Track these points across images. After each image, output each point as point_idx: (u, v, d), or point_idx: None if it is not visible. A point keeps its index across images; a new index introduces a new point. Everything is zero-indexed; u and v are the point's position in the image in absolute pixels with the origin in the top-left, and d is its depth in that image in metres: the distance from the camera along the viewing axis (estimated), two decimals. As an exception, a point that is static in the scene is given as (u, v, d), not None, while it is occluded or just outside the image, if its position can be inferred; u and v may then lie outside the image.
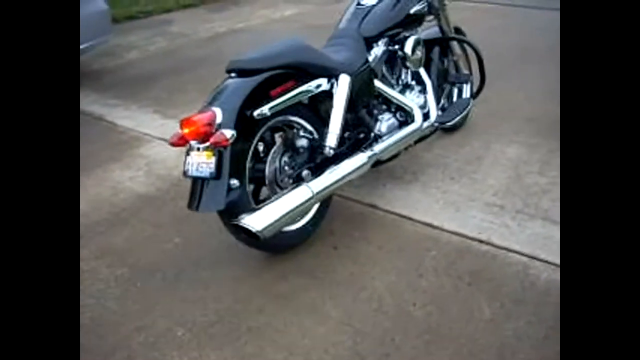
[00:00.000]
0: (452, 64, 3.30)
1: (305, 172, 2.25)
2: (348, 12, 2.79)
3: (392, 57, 2.78)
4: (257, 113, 2.06)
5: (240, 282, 2.25)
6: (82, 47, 4.36)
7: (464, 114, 3.04)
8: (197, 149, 2.03)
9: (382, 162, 2.68)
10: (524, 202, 2.71)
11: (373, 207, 2.72)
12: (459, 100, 3.16)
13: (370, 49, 2.66)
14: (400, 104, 2.72)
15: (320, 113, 2.38)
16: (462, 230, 2.50)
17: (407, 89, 2.85)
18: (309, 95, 2.29)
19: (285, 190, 2.13)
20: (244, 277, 2.28)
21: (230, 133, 1.97)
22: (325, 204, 2.47)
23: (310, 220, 2.41)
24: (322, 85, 2.33)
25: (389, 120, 2.68)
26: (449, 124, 2.93)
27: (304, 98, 2.30)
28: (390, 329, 1.98)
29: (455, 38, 3.09)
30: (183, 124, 1.99)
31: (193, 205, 2.06)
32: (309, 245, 2.43)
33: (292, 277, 2.26)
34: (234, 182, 2.03)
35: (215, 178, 2.00)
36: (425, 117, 2.84)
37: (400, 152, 2.79)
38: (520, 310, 2.04)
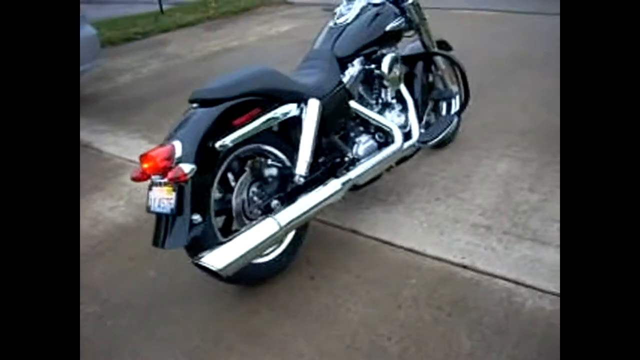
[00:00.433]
0: (438, 79, 3.21)
1: (275, 202, 2.17)
2: (322, 32, 2.72)
3: (369, 76, 2.69)
4: (218, 145, 2.00)
5: (211, 318, 2.18)
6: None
7: (446, 132, 2.93)
8: (159, 184, 1.97)
9: (363, 185, 2.60)
10: (512, 221, 2.60)
11: (354, 232, 2.63)
12: (442, 118, 3.05)
13: (345, 69, 2.58)
14: (379, 125, 2.63)
15: (292, 140, 2.30)
16: (445, 256, 2.40)
17: (387, 108, 2.75)
18: (277, 122, 2.21)
19: (250, 224, 2.05)
20: (215, 312, 2.21)
21: (190, 167, 1.90)
22: (301, 233, 2.39)
23: (285, 250, 2.33)
24: (291, 112, 2.26)
25: (367, 143, 2.59)
26: (431, 143, 2.83)
27: (273, 125, 2.23)
28: (363, 367, 1.88)
29: (437, 53, 2.99)
30: (142, 159, 1.93)
31: (158, 242, 1.99)
32: (284, 276, 2.35)
33: (264, 311, 2.18)
34: (196, 217, 1.96)
35: (177, 214, 1.93)
36: (408, 136, 2.75)
37: (382, 173, 2.70)
38: (502, 342, 1.93)
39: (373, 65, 2.65)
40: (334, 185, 2.27)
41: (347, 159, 2.49)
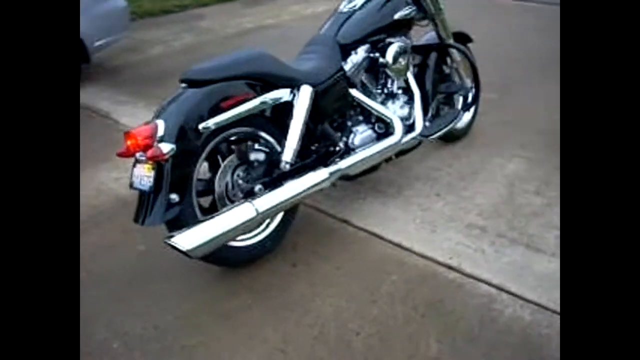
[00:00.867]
0: (454, 71, 3.10)
1: (258, 187, 2.16)
2: (330, 17, 2.66)
3: (374, 64, 2.62)
4: (201, 126, 1.99)
5: (188, 296, 2.20)
6: (98, 43, 4.45)
7: (450, 127, 2.83)
8: (141, 161, 1.99)
9: (358, 175, 2.55)
10: (510, 224, 2.51)
11: (345, 222, 2.59)
12: (448, 112, 2.95)
13: (348, 57, 2.52)
14: (380, 115, 2.56)
15: (284, 126, 2.28)
16: (432, 254, 2.34)
17: (390, 99, 2.68)
18: (267, 107, 2.19)
19: (227, 207, 2.05)
20: (193, 291, 2.23)
21: (169, 147, 1.91)
22: (289, 218, 2.38)
23: (270, 235, 2.32)
24: (283, 97, 2.23)
25: (364, 133, 2.53)
26: (432, 138, 2.74)
27: (266, 109, 2.21)
28: (325, 360, 1.87)
29: (449, 45, 2.88)
30: (126, 136, 1.95)
31: (138, 219, 2.02)
32: (269, 260, 2.35)
33: (242, 293, 2.19)
34: (174, 196, 1.97)
35: (155, 192, 1.95)
36: (411, 128, 2.68)
37: (380, 164, 2.65)
38: (471, 350, 1.88)
39: (377, 54, 2.58)
40: (321, 175, 2.24)
41: (339, 148, 2.44)
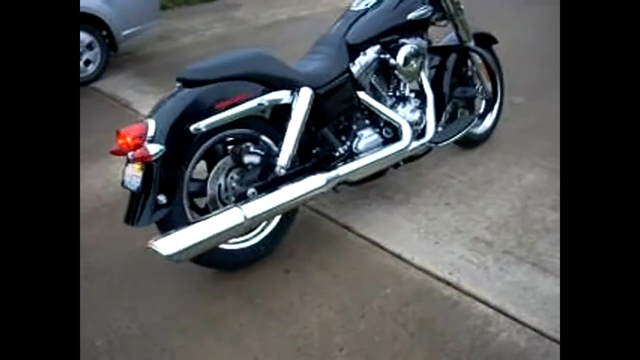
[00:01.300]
0: (475, 75, 2.96)
1: (251, 190, 2.11)
2: (342, 15, 2.57)
3: (384, 66, 2.52)
4: (193, 128, 1.96)
5: (177, 297, 2.19)
6: (126, 32, 4.49)
7: (463, 134, 2.70)
8: (132, 161, 1.98)
9: (364, 180, 2.47)
10: (518, 240, 2.38)
11: (347, 228, 2.52)
12: (462, 118, 2.82)
13: (356, 57, 2.43)
14: (388, 119, 2.47)
15: (284, 128, 2.22)
16: (431, 268, 2.25)
17: (401, 102, 2.57)
18: (264, 109, 2.14)
19: (215, 212, 2.01)
20: (183, 292, 2.22)
21: (157, 148, 1.89)
22: (287, 222, 2.33)
23: (264, 240, 2.28)
24: (282, 99, 2.17)
25: (369, 137, 2.44)
26: (442, 145, 2.62)
27: (265, 111, 2.16)
28: (304, 375, 1.82)
29: (467, 48, 2.74)
30: (117, 135, 1.94)
31: (128, 219, 2.02)
32: (262, 264, 2.31)
33: (230, 298, 2.16)
34: (161, 198, 1.95)
35: (143, 193, 1.94)
36: (421, 134, 2.57)
37: (387, 170, 2.56)
38: (457, 375, 1.79)
39: (388, 55, 2.48)
40: (317, 181, 2.17)
41: (341, 153, 2.36)
